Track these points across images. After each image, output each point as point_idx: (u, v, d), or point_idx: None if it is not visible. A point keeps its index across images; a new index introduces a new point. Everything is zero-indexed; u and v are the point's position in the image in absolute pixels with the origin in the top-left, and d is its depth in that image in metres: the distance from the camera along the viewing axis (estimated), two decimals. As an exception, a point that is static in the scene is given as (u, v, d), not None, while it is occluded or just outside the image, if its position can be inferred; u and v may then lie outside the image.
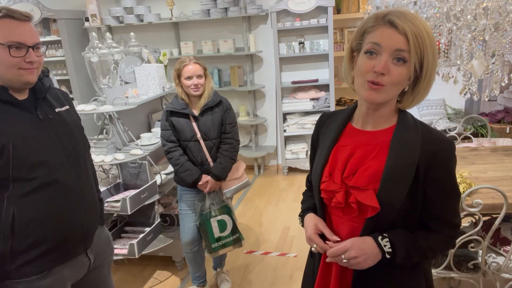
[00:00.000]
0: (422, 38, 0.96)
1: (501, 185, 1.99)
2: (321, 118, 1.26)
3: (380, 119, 1.08)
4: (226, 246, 2.55)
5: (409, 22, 0.96)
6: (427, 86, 1.03)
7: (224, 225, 2.53)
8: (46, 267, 1.38)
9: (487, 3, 1.83)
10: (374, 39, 0.99)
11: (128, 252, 2.59)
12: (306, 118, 4.65)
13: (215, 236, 2.50)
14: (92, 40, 2.70)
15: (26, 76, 1.32)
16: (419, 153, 1.01)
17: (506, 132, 4.32)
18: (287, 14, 4.50)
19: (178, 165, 2.39)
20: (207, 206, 2.48)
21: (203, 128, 2.40)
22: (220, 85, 4.80)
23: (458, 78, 2.20)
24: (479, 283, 2.04)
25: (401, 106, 1.08)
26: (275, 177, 4.88)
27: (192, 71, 2.32)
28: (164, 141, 2.42)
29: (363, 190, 1.04)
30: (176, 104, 2.38)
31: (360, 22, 1.06)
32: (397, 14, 0.98)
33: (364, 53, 1.01)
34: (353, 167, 1.08)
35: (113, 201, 2.53)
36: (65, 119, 1.47)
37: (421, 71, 0.99)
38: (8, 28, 1.27)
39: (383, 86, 0.98)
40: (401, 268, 1.09)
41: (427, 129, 1.06)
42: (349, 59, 1.10)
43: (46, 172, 1.34)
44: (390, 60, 0.97)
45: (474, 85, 2.12)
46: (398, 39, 0.96)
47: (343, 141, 1.14)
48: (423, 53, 0.97)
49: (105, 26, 4.83)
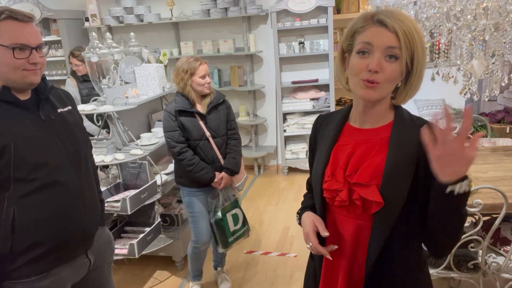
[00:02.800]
0: (411, 35, 0.99)
1: (501, 185, 1.99)
2: (317, 121, 1.27)
3: (378, 116, 1.10)
4: (239, 238, 2.63)
5: (398, 20, 0.99)
6: (419, 80, 1.06)
7: (237, 218, 2.60)
8: (46, 268, 1.38)
9: (487, 3, 1.83)
10: (365, 38, 1.01)
11: (128, 252, 2.59)
12: (306, 118, 4.65)
13: (231, 230, 2.55)
14: (92, 40, 2.70)
15: (30, 77, 1.32)
16: (418, 146, 1.01)
17: (506, 132, 4.33)
18: (287, 14, 4.50)
19: (193, 165, 2.36)
20: (221, 202, 2.51)
21: (212, 126, 2.42)
22: (220, 85, 4.80)
23: (458, 78, 2.20)
24: (479, 283, 2.04)
25: (396, 102, 1.11)
26: (275, 177, 4.88)
27: (206, 70, 2.37)
28: (174, 143, 2.37)
29: (366, 186, 1.05)
30: (184, 103, 2.36)
31: (349, 23, 1.08)
32: (385, 13, 1.01)
33: (356, 53, 1.03)
34: (355, 165, 1.09)
35: (113, 201, 2.53)
36: (67, 119, 1.47)
37: (412, 66, 1.03)
38: (11, 30, 1.27)
39: (378, 83, 1.01)
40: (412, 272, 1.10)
41: (424, 123, 1.07)
42: (340, 61, 1.13)
43: (47, 173, 1.33)
44: (382, 58, 1.00)
45: (474, 85, 2.12)
46: (389, 37, 0.99)
47: (343, 140, 1.15)
48: (413, 48, 1.00)
49: (105, 26, 4.83)
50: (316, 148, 1.23)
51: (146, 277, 2.95)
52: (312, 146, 1.27)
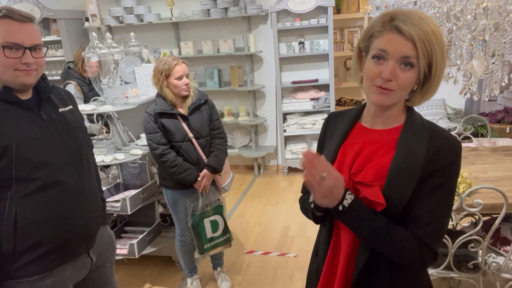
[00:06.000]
0: (429, 42, 0.96)
1: (501, 185, 1.99)
2: (329, 117, 1.27)
3: (389, 118, 1.10)
4: (217, 247, 2.57)
5: (415, 27, 0.95)
6: (437, 84, 1.04)
7: (216, 225, 2.53)
8: (48, 267, 1.38)
9: (487, 3, 1.83)
10: (381, 45, 0.99)
11: (128, 252, 2.59)
12: (306, 118, 4.65)
13: (208, 237, 2.50)
14: (92, 40, 2.70)
15: (22, 78, 1.30)
16: (426, 150, 1.02)
17: (506, 132, 4.32)
18: (287, 14, 4.50)
19: (176, 166, 2.33)
20: (201, 206, 2.47)
21: (195, 127, 2.39)
22: (220, 85, 4.80)
23: (458, 78, 2.20)
24: (479, 283, 2.04)
25: (410, 104, 1.10)
26: (275, 177, 4.88)
27: (182, 71, 2.30)
28: (155, 145, 2.33)
29: (370, 186, 1.05)
30: (164, 106, 2.32)
31: (368, 23, 1.07)
32: (403, 18, 0.97)
33: (372, 58, 1.02)
34: (361, 164, 1.09)
35: (113, 201, 2.53)
36: (68, 119, 1.47)
37: (429, 71, 1.00)
38: (5, 29, 1.26)
39: (391, 91, 1.00)
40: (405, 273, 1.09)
41: (434, 128, 1.07)
42: (357, 58, 1.12)
43: (48, 172, 1.33)
44: (397, 66, 0.98)
45: (474, 85, 2.12)
46: (405, 46, 0.96)
47: (352, 138, 1.15)
48: (431, 55, 0.98)
49: (105, 26, 4.83)
50: (324, 144, 1.23)
51: (146, 277, 2.95)
52: (321, 142, 1.26)
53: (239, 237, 3.46)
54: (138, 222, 2.88)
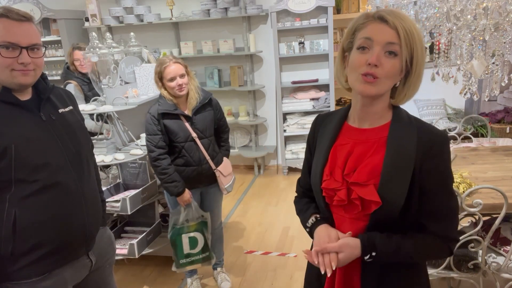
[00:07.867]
0: (411, 33, 1.00)
1: (501, 185, 1.99)
2: (316, 120, 1.27)
3: (376, 115, 1.10)
4: (194, 263, 2.53)
5: (398, 18, 1.00)
6: (417, 80, 1.07)
7: (195, 243, 2.48)
8: (47, 269, 1.38)
9: (487, 3, 1.83)
10: (365, 34, 1.03)
11: (128, 252, 2.59)
12: (306, 118, 4.65)
13: (184, 253, 2.47)
14: (92, 40, 2.70)
15: (19, 78, 1.28)
16: (416, 146, 1.04)
17: (506, 132, 4.33)
18: (287, 14, 4.50)
19: (166, 174, 2.32)
20: (181, 221, 2.43)
21: (199, 127, 2.38)
22: (220, 85, 4.80)
23: (458, 78, 2.20)
24: (479, 283, 2.04)
25: (394, 101, 1.12)
26: (275, 177, 4.88)
27: (174, 72, 2.25)
28: (152, 147, 2.31)
29: (364, 185, 1.05)
30: (167, 106, 2.31)
31: (350, 23, 1.10)
32: (386, 11, 1.03)
33: (357, 49, 1.04)
34: (353, 164, 1.09)
35: (113, 201, 2.54)
36: (68, 120, 1.45)
37: (411, 65, 1.03)
38: (2, 28, 1.24)
39: (377, 78, 1.01)
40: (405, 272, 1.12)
41: (421, 124, 1.09)
42: (341, 60, 1.14)
43: (48, 174, 1.32)
44: (382, 53, 1.01)
45: (474, 85, 2.12)
46: (389, 33, 1.00)
47: (342, 139, 1.16)
48: (413, 47, 1.01)
49: (105, 26, 4.83)
50: (314, 147, 1.24)
51: (146, 277, 2.95)
52: (310, 145, 1.27)
53: (239, 237, 3.47)
54: (138, 222, 2.88)
